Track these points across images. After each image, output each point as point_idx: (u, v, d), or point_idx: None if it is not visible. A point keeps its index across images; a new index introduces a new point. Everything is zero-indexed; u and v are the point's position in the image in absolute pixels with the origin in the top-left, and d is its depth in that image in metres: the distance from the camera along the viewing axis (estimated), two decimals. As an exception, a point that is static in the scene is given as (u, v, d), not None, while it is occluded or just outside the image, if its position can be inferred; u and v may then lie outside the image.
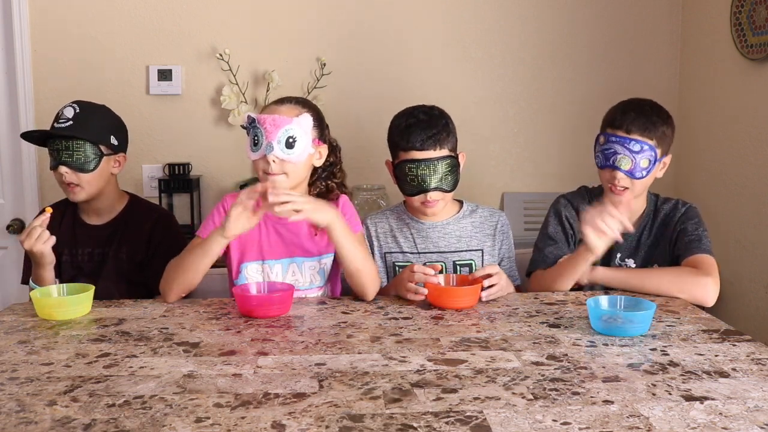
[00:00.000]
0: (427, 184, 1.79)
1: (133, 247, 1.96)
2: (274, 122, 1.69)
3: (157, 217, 2.01)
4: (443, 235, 1.90)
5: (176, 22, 2.83)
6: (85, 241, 1.96)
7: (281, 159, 1.69)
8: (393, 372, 1.24)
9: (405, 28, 2.90)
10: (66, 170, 1.86)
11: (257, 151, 1.70)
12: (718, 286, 1.74)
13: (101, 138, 1.91)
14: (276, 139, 1.68)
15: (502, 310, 1.63)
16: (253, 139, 1.71)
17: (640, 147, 1.77)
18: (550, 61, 2.96)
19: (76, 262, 1.96)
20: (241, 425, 1.03)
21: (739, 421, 1.04)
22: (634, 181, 1.79)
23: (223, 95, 2.80)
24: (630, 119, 1.79)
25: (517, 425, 1.03)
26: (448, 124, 1.84)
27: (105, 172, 1.92)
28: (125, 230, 1.97)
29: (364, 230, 1.94)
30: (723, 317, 1.66)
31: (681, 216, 1.86)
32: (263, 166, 1.70)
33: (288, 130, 1.68)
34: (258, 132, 1.70)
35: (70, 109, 1.90)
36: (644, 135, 1.78)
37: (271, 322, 1.54)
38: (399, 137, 1.83)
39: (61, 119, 1.89)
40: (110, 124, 1.97)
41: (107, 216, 1.99)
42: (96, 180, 1.90)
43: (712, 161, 2.77)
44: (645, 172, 1.78)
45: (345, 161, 3.09)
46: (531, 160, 3.00)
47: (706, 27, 2.79)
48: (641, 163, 1.77)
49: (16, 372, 1.25)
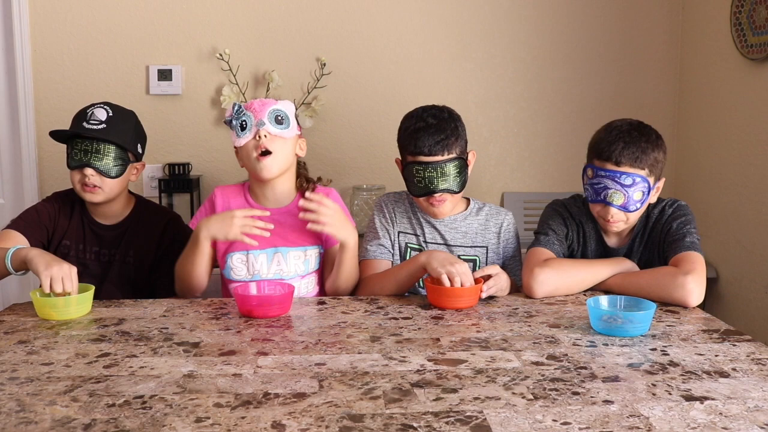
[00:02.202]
0: (434, 186, 1.78)
1: (142, 251, 1.94)
2: (262, 103, 1.75)
3: (167, 220, 1.99)
4: (450, 230, 1.90)
5: (176, 22, 2.83)
6: (92, 239, 1.93)
7: (273, 134, 1.74)
8: (393, 372, 1.24)
9: (405, 28, 2.91)
10: (92, 173, 1.82)
11: (247, 133, 1.74)
12: (700, 284, 1.62)
13: (131, 145, 1.89)
14: (266, 116, 1.74)
15: (502, 310, 1.63)
16: (241, 125, 1.75)
17: (632, 180, 1.66)
18: (550, 61, 2.96)
19: (83, 258, 1.93)
20: (241, 425, 1.03)
21: (739, 421, 1.04)
22: (628, 213, 1.70)
23: (223, 95, 2.80)
24: (618, 150, 1.66)
25: (517, 425, 1.03)
26: (457, 128, 1.82)
27: (126, 178, 1.90)
28: (134, 233, 1.95)
29: (382, 206, 1.95)
30: (723, 317, 1.66)
31: (668, 217, 1.78)
32: (254, 143, 1.73)
33: (276, 109, 1.76)
34: (245, 116, 1.74)
35: (102, 111, 1.86)
36: (635, 166, 1.66)
37: (271, 322, 1.54)
38: (407, 141, 1.81)
39: (93, 120, 1.84)
40: (140, 132, 1.96)
41: (116, 218, 1.95)
42: (118, 185, 1.87)
43: (712, 161, 2.77)
44: (639, 204, 1.69)
45: (345, 161, 3.11)
46: (531, 160, 3.01)
47: (706, 27, 2.79)
48: (634, 196, 1.67)
49: (16, 372, 1.25)
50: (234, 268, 1.81)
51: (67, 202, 1.95)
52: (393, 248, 1.92)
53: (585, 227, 1.84)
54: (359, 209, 2.83)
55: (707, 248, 1.73)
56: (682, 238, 1.71)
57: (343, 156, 2.95)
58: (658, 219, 1.79)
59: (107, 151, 1.83)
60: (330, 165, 2.92)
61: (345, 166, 2.96)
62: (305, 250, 1.83)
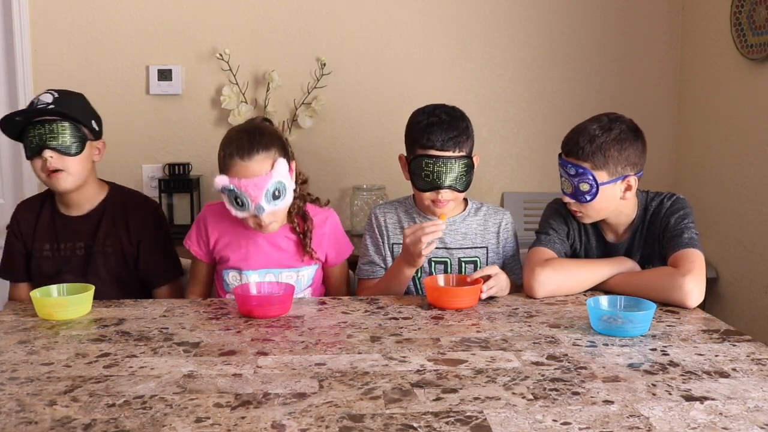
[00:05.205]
0: (441, 181, 1.78)
1: (121, 240, 1.90)
2: (256, 186, 1.65)
3: (146, 210, 1.95)
4: (449, 232, 1.90)
5: (176, 22, 2.83)
6: (66, 234, 1.89)
7: (273, 211, 1.70)
8: (393, 372, 1.24)
9: (405, 28, 2.91)
10: (51, 154, 1.76)
11: (244, 211, 1.68)
12: (699, 284, 1.61)
13: (84, 120, 1.83)
14: (263, 199, 1.66)
15: (502, 310, 1.63)
16: (236, 200, 1.67)
17: (575, 171, 1.69)
18: (550, 61, 2.96)
19: (60, 257, 1.89)
20: (241, 425, 1.03)
21: (739, 421, 1.04)
22: (584, 204, 1.71)
23: (223, 95, 2.80)
24: (566, 140, 1.74)
25: (517, 425, 1.03)
26: (468, 127, 1.83)
27: (88, 158, 1.85)
28: (110, 222, 1.90)
29: (373, 220, 1.95)
30: (723, 317, 1.66)
31: (666, 210, 1.76)
32: (254, 220, 1.71)
33: (271, 186, 1.66)
34: (240, 195, 1.66)
35: (47, 95, 1.81)
36: (578, 158, 1.69)
37: (271, 322, 1.54)
38: (419, 135, 1.81)
39: (41, 104, 1.79)
40: (90, 109, 1.91)
41: (87, 206, 1.90)
42: (81, 166, 1.82)
43: (712, 161, 2.77)
44: (589, 197, 1.69)
45: (345, 161, 3.11)
46: (531, 160, 3.01)
47: (706, 27, 2.79)
48: (581, 187, 1.69)
49: (16, 372, 1.25)
50: (229, 284, 1.84)
51: (32, 207, 1.92)
52: (385, 262, 1.92)
53: (585, 225, 1.84)
54: (359, 209, 2.82)
55: (707, 248, 1.72)
56: (680, 234, 1.70)
57: (343, 156, 2.95)
58: (656, 212, 1.78)
59: (61, 129, 1.77)
60: (330, 165, 2.92)
61: (345, 166, 2.96)
62: (298, 272, 1.84)
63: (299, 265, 1.84)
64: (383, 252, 1.92)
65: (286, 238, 1.83)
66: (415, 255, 1.69)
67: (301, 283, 1.84)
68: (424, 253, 1.68)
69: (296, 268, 1.84)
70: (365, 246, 1.95)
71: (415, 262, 1.73)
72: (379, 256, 1.92)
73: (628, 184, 1.72)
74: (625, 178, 1.71)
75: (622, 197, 1.73)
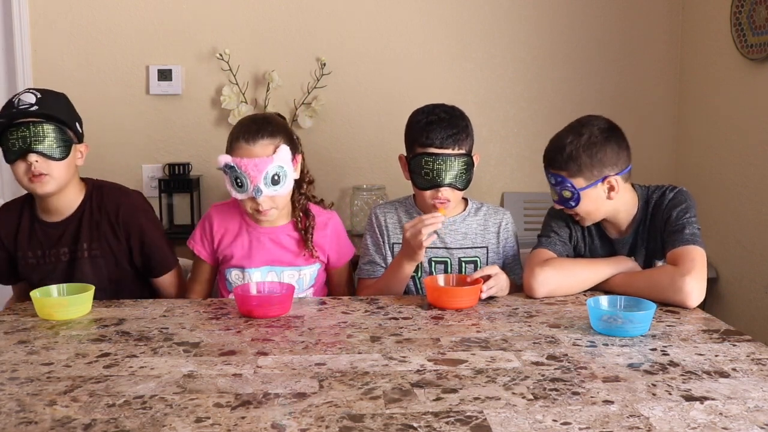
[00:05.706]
0: (441, 179, 1.79)
1: (107, 241, 1.83)
2: (256, 167, 1.69)
3: (130, 204, 1.86)
4: (449, 232, 1.91)
5: (176, 22, 2.83)
6: (48, 242, 1.82)
7: (271, 196, 1.72)
8: (393, 372, 1.24)
9: (405, 28, 2.91)
10: (36, 158, 1.69)
11: (243, 192, 1.71)
12: (699, 284, 1.60)
13: (70, 122, 1.77)
14: (261, 182, 1.69)
15: (502, 310, 1.63)
16: (236, 181, 1.71)
17: (554, 180, 1.75)
18: (550, 61, 2.96)
19: (45, 263, 1.83)
20: (241, 425, 1.03)
21: (739, 421, 1.04)
22: (572, 209, 1.76)
23: (223, 95, 2.80)
24: (546, 151, 1.79)
25: (517, 425, 1.03)
26: (467, 126, 1.85)
27: (72, 162, 1.79)
28: (91, 223, 1.82)
29: (373, 220, 1.95)
30: (723, 317, 1.66)
31: (668, 203, 1.75)
32: (252, 205, 1.74)
33: (271, 170, 1.70)
34: (240, 175, 1.70)
35: (29, 95, 1.74)
36: (555, 168, 1.75)
37: (271, 322, 1.54)
38: (418, 133, 1.82)
39: (22, 105, 1.71)
40: (73, 110, 1.84)
41: (67, 212, 1.82)
42: (65, 170, 1.75)
43: (712, 161, 2.77)
44: (573, 203, 1.74)
45: (345, 161, 3.10)
46: (531, 160, 3.00)
47: (706, 27, 2.79)
48: (564, 195, 1.74)
49: (16, 372, 1.25)
50: (232, 282, 1.84)
51: (10, 215, 1.85)
52: (386, 262, 1.92)
53: (588, 225, 1.84)
54: (359, 209, 2.82)
55: (707, 248, 1.71)
56: (682, 229, 1.68)
57: (343, 156, 2.95)
58: (658, 204, 1.77)
59: (47, 132, 1.71)
60: (330, 165, 2.92)
61: (345, 166, 2.96)
62: (299, 270, 1.85)
63: (301, 263, 1.84)
64: (384, 251, 1.92)
65: (289, 236, 1.84)
66: (416, 247, 1.70)
67: (303, 283, 1.85)
68: (424, 244, 1.69)
69: (298, 266, 1.84)
70: (365, 246, 1.95)
71: (416, 256, 1.73)
72: (380, 255, 1.92)
73: (610, 184, 1.72)
74: (605, 179, 1.71)
75: (608, 197, 1.74)
